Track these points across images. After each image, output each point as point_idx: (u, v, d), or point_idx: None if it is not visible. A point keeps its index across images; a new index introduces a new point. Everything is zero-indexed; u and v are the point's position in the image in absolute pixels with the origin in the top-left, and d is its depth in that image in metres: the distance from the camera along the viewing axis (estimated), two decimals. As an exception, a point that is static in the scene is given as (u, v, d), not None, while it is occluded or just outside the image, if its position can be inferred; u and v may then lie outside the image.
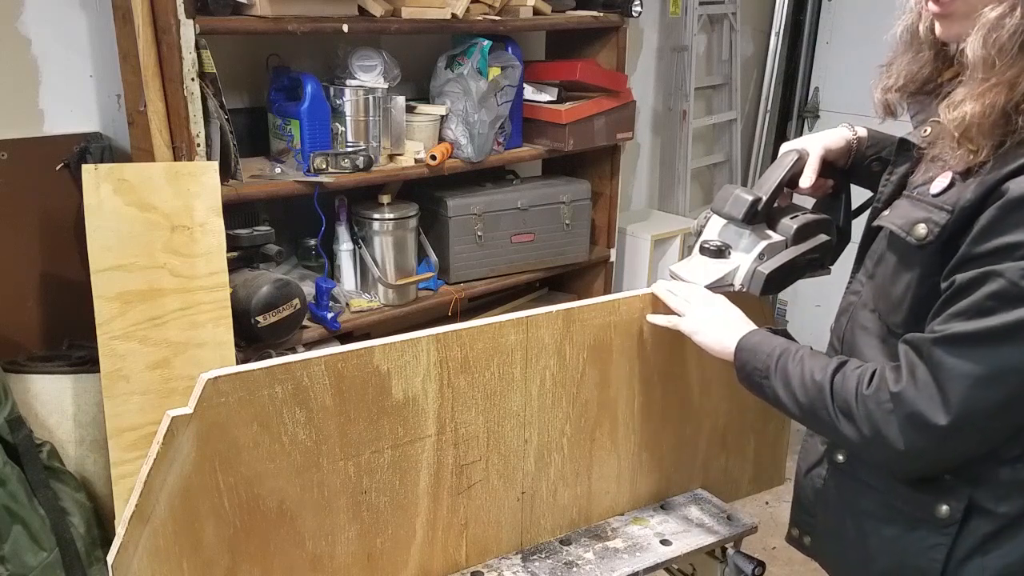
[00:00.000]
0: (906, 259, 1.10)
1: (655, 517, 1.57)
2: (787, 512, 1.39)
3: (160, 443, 1.06)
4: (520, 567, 1.42)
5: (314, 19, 2.07)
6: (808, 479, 1.32)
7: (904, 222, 1.08)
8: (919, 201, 1.08)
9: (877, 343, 1.17)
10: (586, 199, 2.75)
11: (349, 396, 1.19)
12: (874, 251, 1.21)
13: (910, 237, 1.06)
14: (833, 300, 1.32)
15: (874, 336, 1.18)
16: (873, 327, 1.18)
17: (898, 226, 1.09)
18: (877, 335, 1.17)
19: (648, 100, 3.52)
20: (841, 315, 1.26)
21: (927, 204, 1.06)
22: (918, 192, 1.09)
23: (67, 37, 2.13)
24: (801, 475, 1.35)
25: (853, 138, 1.38)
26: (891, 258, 1.13)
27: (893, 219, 1.11)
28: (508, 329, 1.30)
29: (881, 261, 1.17)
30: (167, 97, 1.96)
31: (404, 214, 2.42)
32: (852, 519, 1.22)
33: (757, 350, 1.22)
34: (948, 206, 1.03)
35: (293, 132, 2.20)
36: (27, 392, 2.04)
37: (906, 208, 1.09)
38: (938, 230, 1.03)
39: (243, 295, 2.03)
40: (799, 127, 3.99)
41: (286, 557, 1.22)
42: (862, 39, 3.70)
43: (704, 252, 1.39)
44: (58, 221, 2.17)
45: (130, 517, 1.07)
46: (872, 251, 1.22)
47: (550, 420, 1.40)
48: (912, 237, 1.06)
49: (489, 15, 2.41)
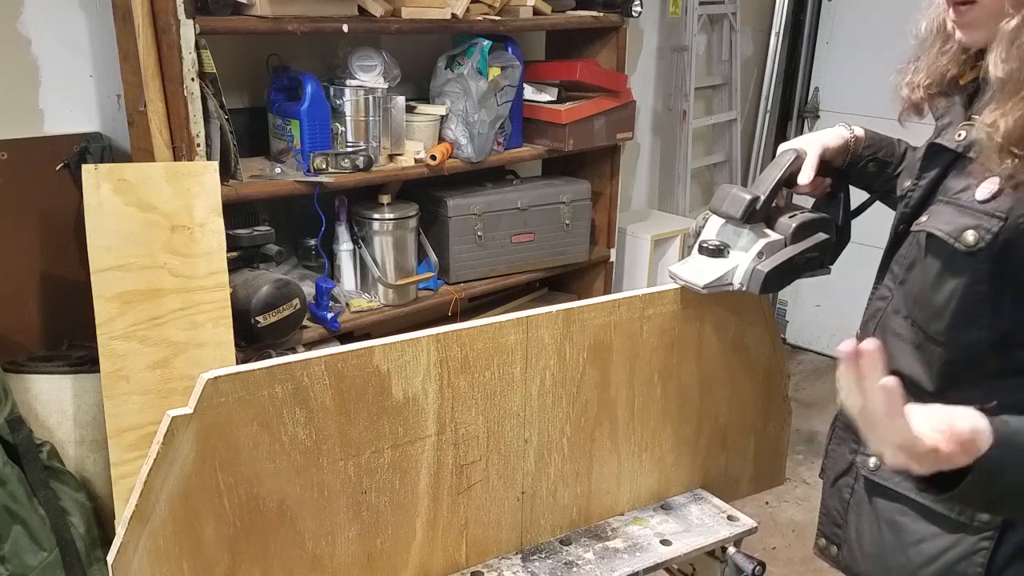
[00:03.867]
0: (952, 266, 1.07)
1: (655, 517, 1.57)
2: (787, 512, 1.39)
3: (160, 443, 1.06)
4: (520, 567, 1.42)
5: (314, 19, 2.07)
6: (836, 489, 1.31)
7: (952, 228, 1.06)
8: (964, 207, 1.06)
9: (911, 350, 1.15)
10: (586, 199, 2.76)
11: (349, 396, 1.19)
12: (903, 256, 1.19)
13: (959, 244, 1.04)
14: (833, 301, 1.32)
15: (908, 343, 1.16)
16: (907, 334, 1.16)
17: (945, 232, 1.06)
18: (911, 342, 1.15)
19: (648, 100, 3.52)
20: (868, 321, 1.25)
21: (975, 211, 1.04)
22: (960, 198, 1.07)
23: (67, 37, 2.13)
24: (828, 485, 1.33)
25: (851, 137, 1.38)
26: (932, 264, 1.11)
27: (938, 224, 1.08)
28: (508, 329, 1.30)
29: (915, 267, 1.15)
30: (167, 97, 1.96)
31: (404, 214, 2.42)
32: (889, 528, 1.20)
33: None
34: (1001, 213, 1.01)
35: (293, 132, 2.20)
36: (27, 392, 2.05)
37: (950, 214, 1.07)
38: (990, 237, 1.02)
39: (243, 295, 2.03)
40: (799, 127, 4.00)
41: (286, 557, 1.22)
42: (862, 39, 3.71)
43: (703, 252, 1.39)
44: (58, 221, 2.17)
45: (130, 517, 1.07)
46: (900, 256, 1.20)
47: (550, 420, 1.40)
48: (961, 244, 1.04)
49: (489, 15, 2.41)
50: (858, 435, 1.25)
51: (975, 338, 1.07)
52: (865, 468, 1.23)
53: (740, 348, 1.57)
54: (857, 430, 1.24)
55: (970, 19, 1.04)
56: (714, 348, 1.54)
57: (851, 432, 1.29)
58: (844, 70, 3.81)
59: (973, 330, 1.07)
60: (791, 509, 2.99)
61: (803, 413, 3.54)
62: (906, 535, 1.18)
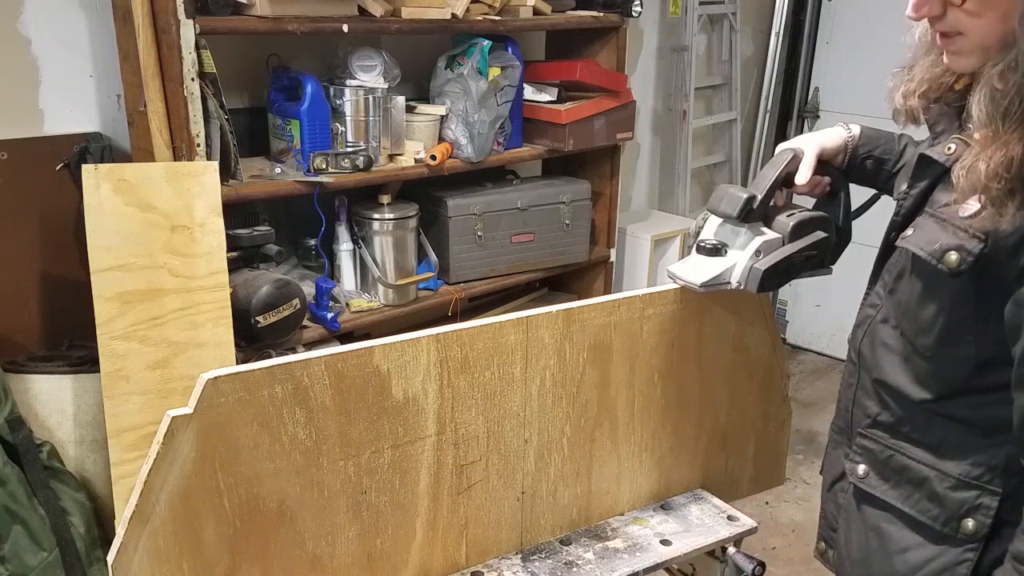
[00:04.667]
0: (935, 285, 1.07)
1: (655, 517, 1.57)
2: (787, 512, 1.39)
3: (160, 443, 1.06)
4: (520, 567, 1.42)
5: (314, 19, 2.07)
6: (831, 493, 1.31)
7: (933, 249, 1.04)
8: (946, 223, 1.04)
9: (900, 361, 1.15)
10: (586, 199, 2.76)
11: (349, 396, 1.19)
12: (892, 265, 1.18)
13: (941, 265, 1.03)
14: (833, 301, 1.32)
15: (897, 354, 1.16)
16: (896, 345, 1.16)
17: (927, 252, 1.05)
18: (900, 353, 1.15)
19: (648, 100, 3.52)
20: (858, 328, 1.25)
21: (956, 228, 1.03)
22: (944, 212, 1.06)
23: (67, 37, 2.13)
24: (825, 489, 1.34)
25: (849, 137, 1.38)
26: (916, 281, 1.10)
27: (919, 243, 1.07)
28: (508, 329, 1.30)
29: (902, 278, 1.14)
30: (167, 97, 1.96)
31: (404, 214, 2.42)
32: (875, 535, 1.20)
33: None
34: (981, 234, 0.99)
35: (293, 132, 2.20)
36: (27, 392, 2.05)
37: (933, 230, 1.06)
38: (972, 259, 1.00)
39: (243, 295, 2.03)
40: (799, 127, 4.00)
41: (286, 557, 1.22)
42: (862, 39, 3.71)
43: (701, 251, 1.39)
44: (58, 221, 2.17)
45: (130, 517, 1.07)
46: (891, 264, 1.19)
47: (550, 420, 1.40)
48: (943, 265, 1.03)
49: (489, 15, 2.41)
50: (851, 440, 1.26)
51: (963, 355, 1.07)
52: (854, 475, 1.23)
53: (740, 348, 1.58)
54: (850, 434, 1.25)
55: (956, 48, 1.03)
56: (714, 348, 1.54)
57: (845, 436, 1.29)
58: (844, 70, 3.81)
59: (960, 347, 1.07)
60: (791, 509, 2.99)
61: (803, 413, 3.54)
62: (891, 543, 1.18)
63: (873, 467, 1.20)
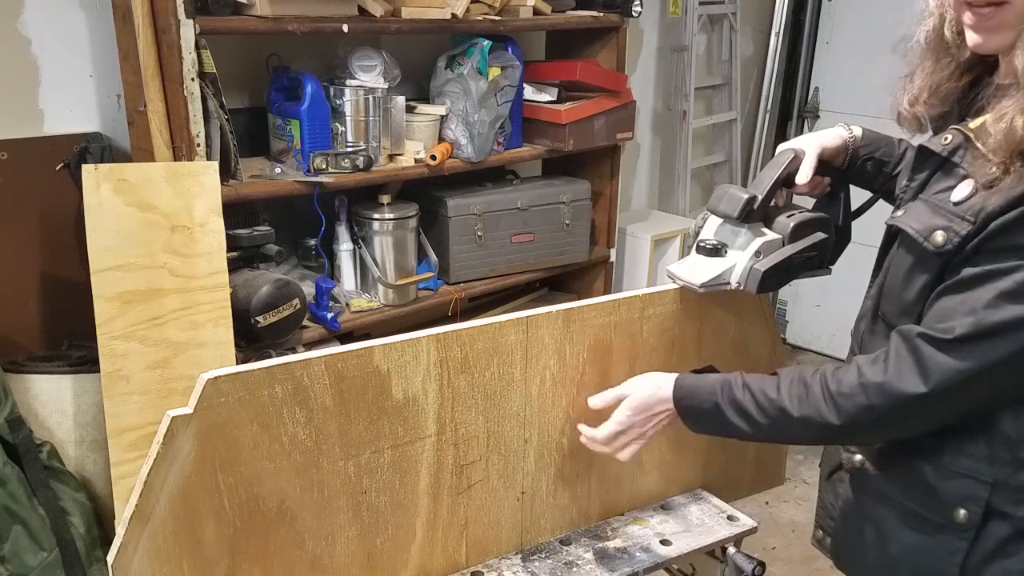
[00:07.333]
0: (921, 264, 1.08)
1: (655, 517, 1.57)
2: (787, 512, 1.39)
3: (160, 443, 1.06)
4: (520, 567, 1.42)
5: (314, 19, 2.07)
6: (830, 483, 1.32)
7: (922, 227, 1.06)
8: (938, 207, 1.06)
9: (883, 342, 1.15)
10: (586, 199, 2.76)
11: (349, 396, 1.19)
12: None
13: (927, 243, 1.05)
14: (833, 301, 1.32)
15: (882, 338, 1.16)
16: (881, 330, 1.17)
17: (915, 230, 1.07)
18: (884, 336, 1.15)
19: (648, 100, 3.52)
20: (860, 320, 1.25)
21: (947, 212, 1.04)
22: (937, 198, 1.07)
23: (67, 37, 2.13)
24: (823, 478, 1.35)
25: (849, 137, 1.38)
26: (904, 260, 1.11)
27: (909, 221, 1.09)
28: (508, 329, 1.30)
29: (892, 263, 1.15)
30: (167, 97, 1.96)
31: (404, 214, 2.42)
32: (871, 524, 1.21)
33: (695, 393, 1.24)
34: (970, 216, 1.01)
35: (293, 132, 2.20)
36: (27, 392, 2.05)
37: (924, 212, 1.08)
38: (958, 240, 1.02)
39: (243, 295, 2.03)
40: (799, 127, 4.00)
41: (286, 557, 1.22)
42: (862, 39, 3.70)
43: (700, 251, 1.39)
44: (58, 221, 2.17)
45: (130, 517, 1.07)
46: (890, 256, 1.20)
47: (550, 420, 1.40)
48: (930, 243, 1.05)
49: (489, 15, 2.41)
50: None
51: None
52: (850, 465, 1.24)
53: (740, 348, 1.58)
54: None
55: (996, 23, 1.02)
56: (714, 348, 1.54)
57: None
58: (844, 70, 3.81)
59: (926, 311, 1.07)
60: (791, 509, 2.99)
61: (803, 413, 3.53)
62: (886, 532, 1.19)
63: (869, 457, 1.22)
